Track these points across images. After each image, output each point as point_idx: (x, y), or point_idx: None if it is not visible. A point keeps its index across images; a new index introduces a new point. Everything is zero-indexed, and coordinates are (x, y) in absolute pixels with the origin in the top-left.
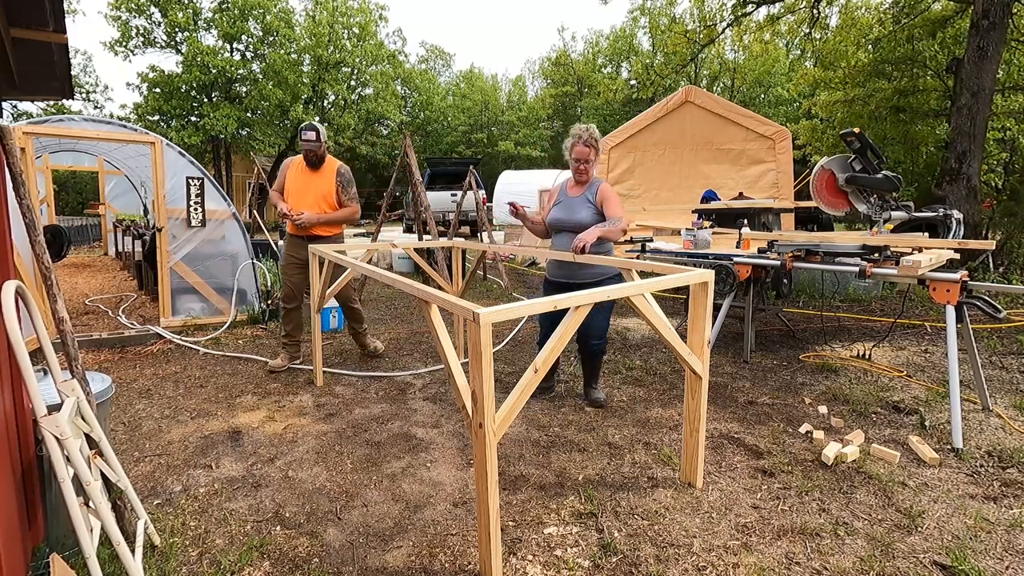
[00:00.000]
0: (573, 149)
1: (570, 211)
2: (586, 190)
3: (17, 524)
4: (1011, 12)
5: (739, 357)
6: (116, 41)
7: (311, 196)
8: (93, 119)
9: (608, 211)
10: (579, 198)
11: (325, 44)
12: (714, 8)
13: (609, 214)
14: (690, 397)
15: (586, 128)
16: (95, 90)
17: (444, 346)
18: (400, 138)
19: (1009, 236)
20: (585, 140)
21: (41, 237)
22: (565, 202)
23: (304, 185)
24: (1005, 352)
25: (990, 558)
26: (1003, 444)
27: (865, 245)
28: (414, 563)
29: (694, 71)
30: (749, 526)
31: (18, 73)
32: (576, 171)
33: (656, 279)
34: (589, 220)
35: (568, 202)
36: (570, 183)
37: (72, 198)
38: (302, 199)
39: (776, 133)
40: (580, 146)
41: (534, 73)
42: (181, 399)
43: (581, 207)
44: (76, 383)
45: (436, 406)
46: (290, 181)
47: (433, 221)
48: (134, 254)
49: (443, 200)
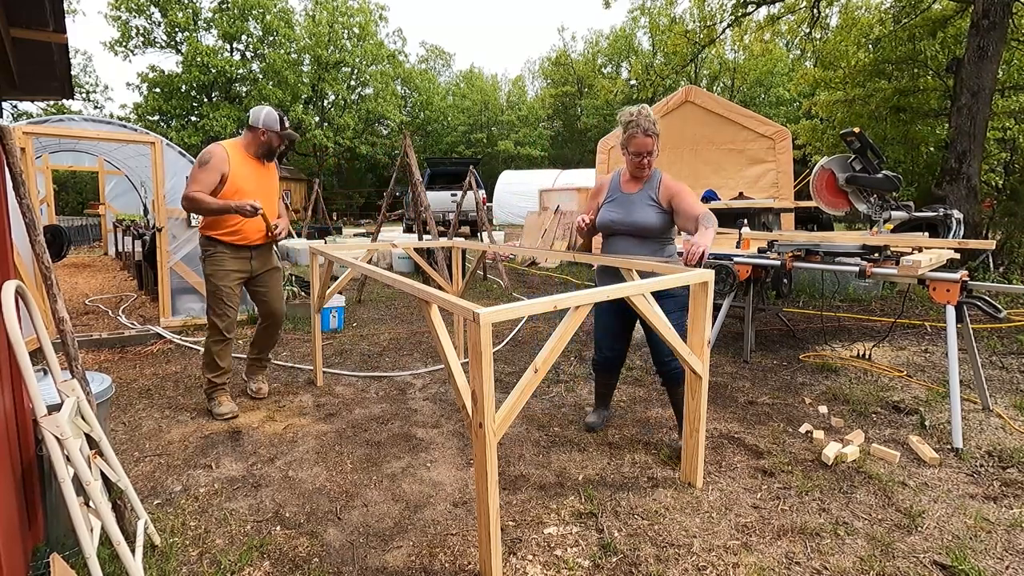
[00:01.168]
0: (631, 141)
1: (628, 210)
2: (645, 185)
3: (17, 524)
4: (1011, 12)
5: (739, 357)
6: (116, 41)
7: (269, 195)
8: (93, 119)
9: (689, 208)
10: (638, 194)
11: (325, 44)
12: (714, 8)
13: (692, 211)
14: (690, 397)
15: (638, 111)
16: (95, 90)
17: (444, 346)
18: (400, 138)
19: (1009, 236)
20: (645, 128)
21: (41, 237)
22: (620, 199)
23: (258, 182)
24: (1005, 352)
25: (990, 558)
26: (1003, 444)
27: (865, 245)
28: (414, 563)
29: (694, 71)
30: (749, 526)
31: (18, 73)
32: (634, 166)
33: (656, 279)
34: (653, 221)
35: (624, 199)
36: (624, 176)
37: (72, 198)
38: (258, 199)
39: (776, 133)
40: (640, 136)
41: (534, 73)
42: (181, 399)
43: (642, 206)
44: (76, 383)
45: (436, 406)
46: (239, 176)
47: (433, 221)
48: (134, 254)
49: (443, 200)
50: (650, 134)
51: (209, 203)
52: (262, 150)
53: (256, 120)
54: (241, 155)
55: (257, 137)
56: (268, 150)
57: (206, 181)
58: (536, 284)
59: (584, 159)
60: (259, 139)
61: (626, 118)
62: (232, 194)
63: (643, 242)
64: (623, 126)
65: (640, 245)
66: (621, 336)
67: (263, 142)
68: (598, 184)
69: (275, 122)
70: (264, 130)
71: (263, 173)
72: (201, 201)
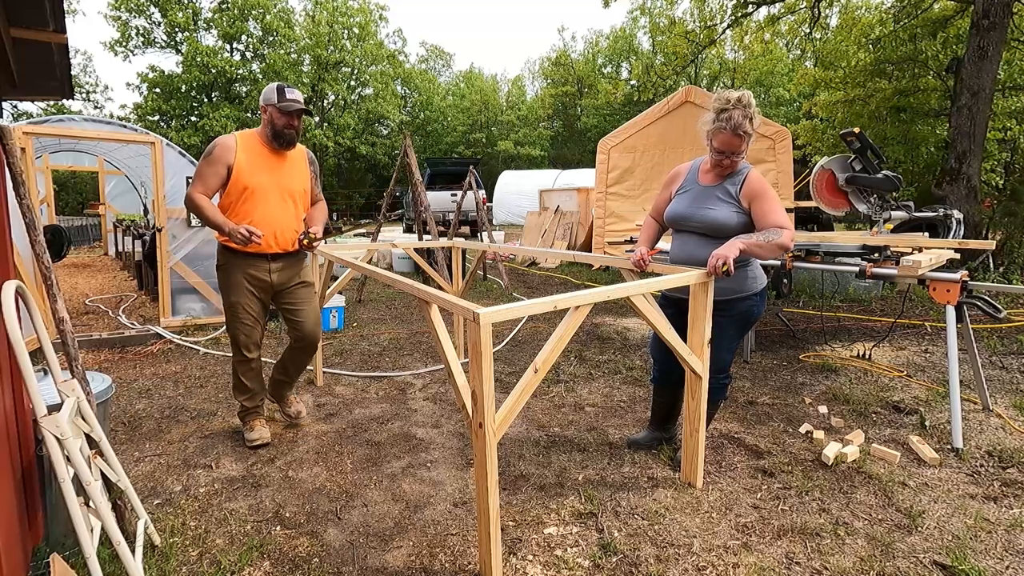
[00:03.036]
0: (717, 135)
1: (699, 204)
2: (726, 179)
3: (17, 524)
4: (1011, 12)
5: (739, 357)
6: (116, 41)
7: (288, 191)
8: (93, 119)
9: (763, 216)
10: (715, 188)
11: (325, 44)
12: (714, 8)
13: (764, 221)
14: (690, 397)
15: (737, 99)
16: (95, 90)
17: (444, 346)
18: (400, 138)
19: (1009, 236)
20: (737, 125)
21: (41, 237)
22: (694, 191)
23: (272, 175)
24: (1005, 352)
25: (990, 558)
26: (1003, 444)
27: (865, 245)
28: (414, 563)
29: (694, 71)
30: (749, 526)
31: (18, 73)
32: (717, 164)
33: (656, 279)
34: (726, 220)
35: (698, 192)
36: (704, 166)
37: (72, 198)
38: (275, 197)
39: (776, 133)
40: (726, 135)
41: (534, 73)
42: (181, 399)
43: (716, 202)
44: (76, 383)
45: (436, 406)
46: (248, 170)
47: (433, 221)
48: (134, 254)
49: (443, 200)
50: (740, 133)
51: (204, 212)
52: (270, 134)
53: (261, 100)
54: (253, 144)
55: (264, 119)
56: (275, 132)
57: (210, 178)
58: (536, 284)
59: (584, 159)
60: (265, 121)
61: (719, 105)
62: (240, 191)
63: (715, 244)
64: (714, 113)
65: (712, 247)
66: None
67: (266, 122)
68: (674, 172)
69: (272, 93)
70: (264, 106)
71: (279, 164)
72: (199, 207)
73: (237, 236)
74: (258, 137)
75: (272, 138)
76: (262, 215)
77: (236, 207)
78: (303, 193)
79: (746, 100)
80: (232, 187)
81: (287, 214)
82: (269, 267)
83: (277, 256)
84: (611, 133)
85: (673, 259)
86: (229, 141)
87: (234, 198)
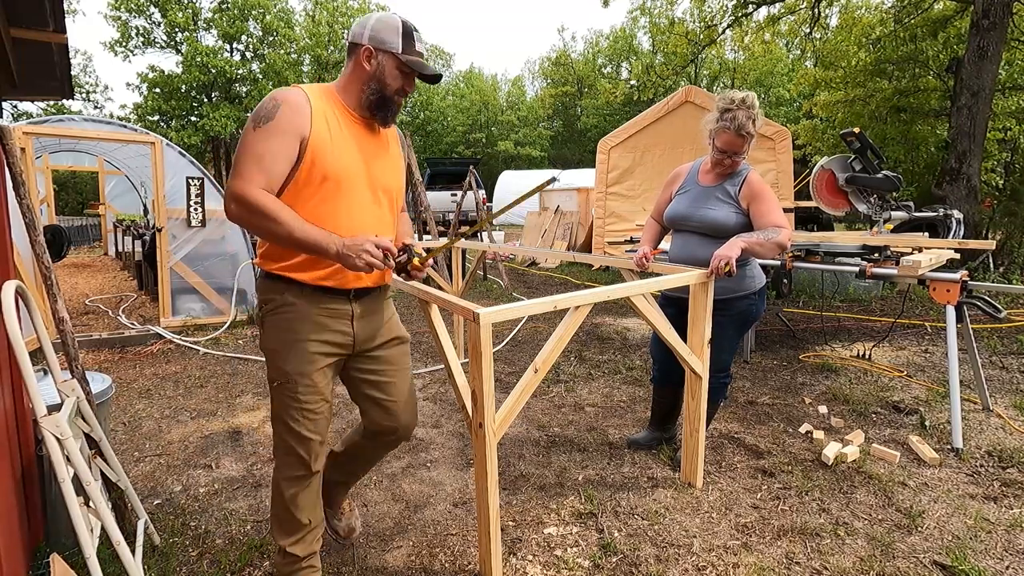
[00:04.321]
0: (720, 135)
1: (698, 204)
2: (726, 180)
3: (17, 524)
4: (1011, 12)
5: (739, 357)
6: (116, 41)
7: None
8: (93, 119)
9: (761, 216)
10: (714, 188)
11: (325, 44)
12: (714, 8)
13: (762, 221)
14: (690, 397)
15: (741, 100)
16: (95, 90)
17: (444, 346)
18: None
19: (1009, 236)
20: (740, 126)
21: (41, 237)
22: (694, 191)
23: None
24: (1005, 352)
25: (990, 558)
26: (1003, 444)
27: (865, 245)
28: (414, 563)
29: (694, 71)
30: (749, 526)
31: (18, 73)
32: (717, 163)
33: (656, 279)
34: (725, 221)
35: (698, 192)
36: (704, 167)
37: (72, 198)
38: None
39: (776, 133)
40: (729, 135)
41: (534, 73)
42: (181, 399)
43: (716, 202)
44: (76, 383)
45: (436, 406)
46: (333, 152)
47: (433, 221)
48: (134, 254)
49: (443, 200)
50: (743, 133)
51: (278, 220)
52: (372, 96)
53: (359, 35)
54: (335, 108)
55: (359, 68)
56: (381, 98)
57: (274, 159)
58: (536, 284)
59: (584, 159)
60: (364, 72)
61: (724, 105)
62: (318, 182)
63: (715, 244)
64: (718, 112)
65: (711, 246)
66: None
67: (366, 76)
68: (674, 173)
69: (393, 34)
70: (371, 50)
71: (374, 146)
72: (266, 212)
73: (361, 259)
74: (338, 97)
75: (374, 106)
76: (349, 222)
77: (307, 207)
78: (399, 191)
79: (750, 101)
80: (304, 174)
81: (382, 222)
82: (352, 311)
83: (361, 293)
84: (611, 133)
85: (673, 259)
86: (299, 97)
87: (310, 193)
